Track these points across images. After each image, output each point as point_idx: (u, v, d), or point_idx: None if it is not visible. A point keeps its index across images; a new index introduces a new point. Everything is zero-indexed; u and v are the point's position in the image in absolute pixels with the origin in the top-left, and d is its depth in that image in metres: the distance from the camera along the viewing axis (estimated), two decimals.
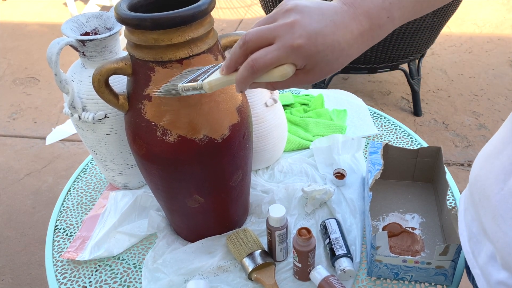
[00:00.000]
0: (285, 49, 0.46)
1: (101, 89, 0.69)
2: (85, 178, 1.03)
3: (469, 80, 2.66)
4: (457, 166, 2.06)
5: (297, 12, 0.47)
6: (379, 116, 1.18)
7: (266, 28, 0.47)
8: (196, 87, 0.52)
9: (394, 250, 0.78)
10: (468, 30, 3.20)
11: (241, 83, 0.49)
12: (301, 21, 0.46)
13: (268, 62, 0.47)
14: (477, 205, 0.57)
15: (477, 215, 0.58)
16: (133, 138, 0.72)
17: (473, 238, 0.59)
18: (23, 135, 2.40)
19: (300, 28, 0.46)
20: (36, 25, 3.61)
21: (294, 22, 0.46)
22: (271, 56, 0.46)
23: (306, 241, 0.72)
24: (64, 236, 0.88)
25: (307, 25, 0.46)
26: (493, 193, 0.53)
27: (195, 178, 0.72)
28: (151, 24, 0.61)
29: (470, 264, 0.59)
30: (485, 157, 0.58)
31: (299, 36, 0.46)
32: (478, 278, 0.57)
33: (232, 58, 0.50)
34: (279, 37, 0.46)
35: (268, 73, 0.48)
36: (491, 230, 0.53)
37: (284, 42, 0.46)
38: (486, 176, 0.55)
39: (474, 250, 0.59)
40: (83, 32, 0.83)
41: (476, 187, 0.58)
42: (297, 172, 0.99)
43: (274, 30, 0.47)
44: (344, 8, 0.48)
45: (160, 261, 0.80)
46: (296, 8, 0.47)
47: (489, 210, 0.54)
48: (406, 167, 0.91)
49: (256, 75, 0.48)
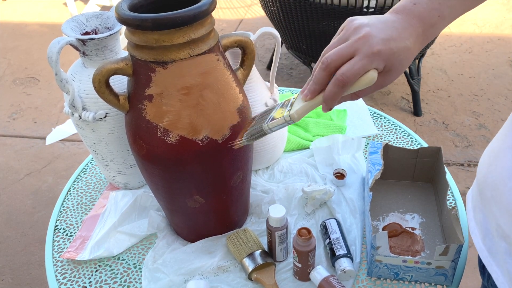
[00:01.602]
0: (367, 57, 0.52)
1: (102, 89, 0.69)
2: (85, 178, 1.03)
3: (469, 80, 2.66)
4: (457, 166, 2.06)
5: (365, 27, 0.54)
6: (379, 116, 1.18)
7: (344, 46, 0.54)
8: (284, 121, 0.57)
9: (394, 250, 0.78)
10: (468, 30, 3.21)
11: (331, 100, 0.55)
12: (373, 32, 0.53)
13: (356, 72, 0.53)
14: (490, 202, 0.57)
15: (490, 212, 0.57)
16: (133, 139, 0.72)
17: (488, 236, 0.58)
18: (23, 135, 2.40)
19: (374, 37, 0.53)
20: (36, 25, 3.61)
21: (368, 34, 0.53)
22: (358, 66, 0.52)
23: (306, 241, 0.72)
24: (64, 236, 0.88)
25: (379, 34, 0.53)
26: (506, 188, 0.53)
27: (196, 179, 0.72)
28: (152, 24, 0.61)
29: (486, 262, 0.58)
30: (494, 153, 0.58)
31: (376, 43, 0.52)
32: (496, 276, 0.56)
33: (317, 81, 0.55)
34: (358, 50, 0.53)
35: (357, 82, 0.54)
36: (507, 225, 0.53)
37: (365, 51, 0.52)
38: (498, 171, 0.55)
39: (490, 247, 0.58)
40: (84, 32, 0.83)
41: (487, 183, 0.58)
42: (297, 172, 0.99)
43: (352, 46, 0.53)
44: (398, 16, 0.55)
45: (160, 261, 0.80)
46: (362, 24, 0.54)
47: (504, 207, 0.53)
48: (406, 167, 0.91)
49: (346, 88, 0.54)
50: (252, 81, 0.89)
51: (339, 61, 0.54)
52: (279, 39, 0.84)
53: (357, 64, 0.53)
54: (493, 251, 0.57)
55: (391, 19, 0.55)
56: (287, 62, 2.88)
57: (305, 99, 0.56)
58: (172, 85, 0.66)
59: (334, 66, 0.54)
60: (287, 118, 0.57)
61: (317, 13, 1.93)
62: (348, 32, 0.55)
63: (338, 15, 1.89)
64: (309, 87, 0.56)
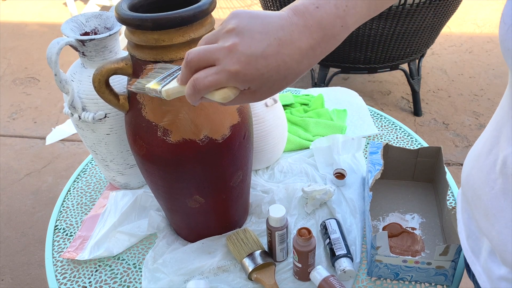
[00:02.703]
0: (224, 73, 0.45)
1: (102, 89, 0.69)
2: (85, 178, 1.03)
3: (469, 80, 2.66)
4: (457, 166, 2.06)
5: (237, 34, 0.45)
6: (379, 116, 1.18)
7: (206, 50, 0.46)
8: (157, 92, 0.53)
9: (394, 250, 0.78)
10: (468, 30, 3.20)
11: (189, 99, 0.49)
12: (240, 45, 0.44)
13: (207, 84, 0.46)
14: (471, 204, 0.58)
15: (472, 214, 0.58)
16: (133, 139, 0.72)
17: (471, 236, 0.59)
18: (23, 135, 2.40)
19: (238, 52, 0.44)
20: (36, 25, 3.61)
21: (233, 46, 0.44)
22: (211, 79, 0.46)
23: (306, 241, 0.72)
24: (64, 236, 0.88)
25: (246, 49, 0.44)
26: (484, 192, 0.53)
27: (196, 179, 0.72)
28: (152, 24, 0.61)
29: (470, 261, 0.59)
30: (475, 157, 0.58)
31: (236, 61, 0.44)
32: (479, 276, 0.57)
33: (182, 72, 0.49)
34: (218, 60, 0.45)
35: (210, 94, 0.47)
36: (485, 228, 0.54)
37: (223, 66, 0.45)
38: (477, 175, 0.56)
39: (473, 247, 0.59)
40: (83, 32, 0.83)
41: (468, 186, 0.59)
42: (297, 172, 0.99)
43: (213, 53, 0.46)
44: (293, 19, 0.45)
45: (160, 261, 0.80)
46: (237, 28, 0.45)
47: (482, 209, 0.54)
48: (406, 167, 0.91)
49: (199, 95, 0.47)
50: None
51: (199, 64, 0.47)
52: None
53: (210, 77, 0.46)
54: (475, 251, 0.58)
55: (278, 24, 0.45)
56: None
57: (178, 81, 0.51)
58: None
59: (194, 66, 0.47)
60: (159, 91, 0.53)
61: None
62: (221, 32, 0.47)
63: None
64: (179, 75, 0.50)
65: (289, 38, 0.45)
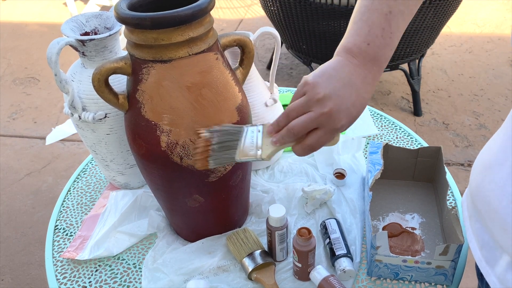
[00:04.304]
0: (332, 132, 0.59)
1: (101, 88, 0.69)
2: (85, 178, 1.03)
3: (469, 80, 2.66)
4: (457, 166, 2.06)
5: (328, 100, 0.57)
6: (379, 116, 1.17)
7: (309, 119, 0.58)
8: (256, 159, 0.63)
9: (394, 250, 0.78)
10: (468, 30, 3.20)
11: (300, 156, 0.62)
12: (336, 108, 0.57)
13: (322, 143, 0.60)
14: (484, 216, 0.56)
15: (486, 227, 0.56)
16: (133, 138, 0.72)
17: (485, 247, 0.57)
18: (23, 135, 2.40)
19: (338, 113, 0.57)
20: (36, 25, 3.61)
21: (331, 112, 0.57)
22: (324, 140, 0.59)
23: (306, 241, 0.72)
24: (64, 236, 0.88)
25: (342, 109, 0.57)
26: (501, 206, 0.52)
27: (195, 178, 0.72)
28: (151, 23, 0.61)
29: (484, 272, 0.57)
30: (486, 166, 0.57)
31: (340, 119, 0.57)
32: (494, 286, 0.56)
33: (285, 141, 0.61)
34: (323, 125, 0.58)
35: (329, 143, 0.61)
36: (504, 242, 0.52)
37: (330, 127, 0.58)
38: (490, 187, 0.54)
39: (488, 258, 0.57)
40: (83, 32, 0.83)
41: (479, 197, 0.57)
42: (297, 172, 0.99)
43: (316, 120, 0.57)
44: (354, 62, 0.57)
45: (160, 261, 0.80)
46: (326, 96, 0.57)
47: (498, 223, 0.53)
48: (406, 167, 0.91)
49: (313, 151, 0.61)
50: (251, 81, 0.89)
51: (304, 132, 0.59)
52: (278, 39, 0.84)
53: (322, 138, 0.59)
54: (490, 261, 0.57)
55: (348, 73, 0.57)
56: (287, 62, 2.88)
57: (274, 144, 0.62)
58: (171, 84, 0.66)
59: (300, 135, 0.59)
60: (259, 158, 0.63)
61: (317, 13, 1.93)
62: (311, 102, 0.57)
63: (338, 15, 1.89)
64: (278, 139, 0.61)
65: (361, 82, 0.58)
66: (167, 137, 0.68)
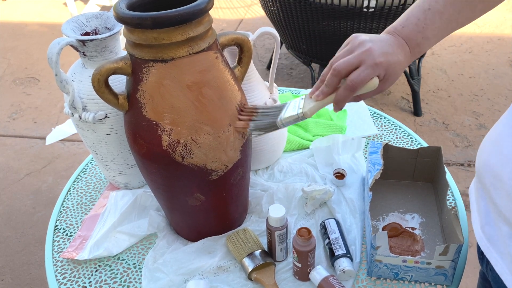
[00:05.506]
0: (371, 67, 0.64)
1: (101, 89, 0.69)
2: (85, 178, 1.03)
3: (469, 80, 2.66)
4: (457, 166, 2.06)
5: (368, 42, 0.65)
6: (379, 116, 1.18)
7: (352, 57, 0.64)
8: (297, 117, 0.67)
9: (394, 250, 0.78)
10: (468, 30, 3.20)
11: (341, 102, 0.66)
12: (374, 47, 0.64)
13: (363, 78, 0.64)
14: (489, 189, 0.59)
15: (490, 199, 0.59)
16: (133, 138, 0.72)
17: (489, 223, 0.60)
18: (23, 135, 2.40)
19: (376, 51, 0.64)
20: (36, 25, 3.61)
21: (371, 49, 0.64)
22: (364, 74, 0.64)
23: (306, 241, 0.72)
24: (64, 236, 0.88)
25: (380, 49, 0.64)
26: (506, 171, 0.55)
27: (197, 176, 0.72)
28: (151, 23, 0.61)
29: (485, 249, 0.60)
30: (493, 143, 0.60)
31: (378, 56, 0.64)
32: (495, 262, 0.58)
33: (328, 85, 0.66)
34: (364, 61, 0.64)
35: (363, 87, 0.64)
36: (508, 210, 0.55)
37: (369, 62, 0.63)
38: (497, 158, 0.58)
39: (490, 234, 0.60)
40: (84, 32, 0.83)
41: (486, 171, 0.60)
42: (297, 172, 0.99)
43: (358, 57, 0.64)
44: (391, 37, 0.67)
45: (160, 261, 0.80)
46: (366, 40, 0.65)
47: (504, 190, 0.55)
48: (406, 167, 0.91)
49: (355, 92, 0.65)
50: (251, 81, 0.89)
51: (348, 69, 0.64)
52: (278, 39, 0.84)
53: (363, 73, 0.63)
54: (493, 238, 0.59)
55: (385, 38, 0.67)
56: (287, 62, 2.88)
57: (317, 99, 0.67)
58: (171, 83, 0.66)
59: (344, 73, 0.64)
60: (300, 114, 0.67)
61: (317, 13, 1.93)
62: (353, 46, 0.65)
63: (338, 15, 1.89)
64: (321, 89, 0.67)
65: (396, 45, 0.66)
66: (169, 136, 0.68)
